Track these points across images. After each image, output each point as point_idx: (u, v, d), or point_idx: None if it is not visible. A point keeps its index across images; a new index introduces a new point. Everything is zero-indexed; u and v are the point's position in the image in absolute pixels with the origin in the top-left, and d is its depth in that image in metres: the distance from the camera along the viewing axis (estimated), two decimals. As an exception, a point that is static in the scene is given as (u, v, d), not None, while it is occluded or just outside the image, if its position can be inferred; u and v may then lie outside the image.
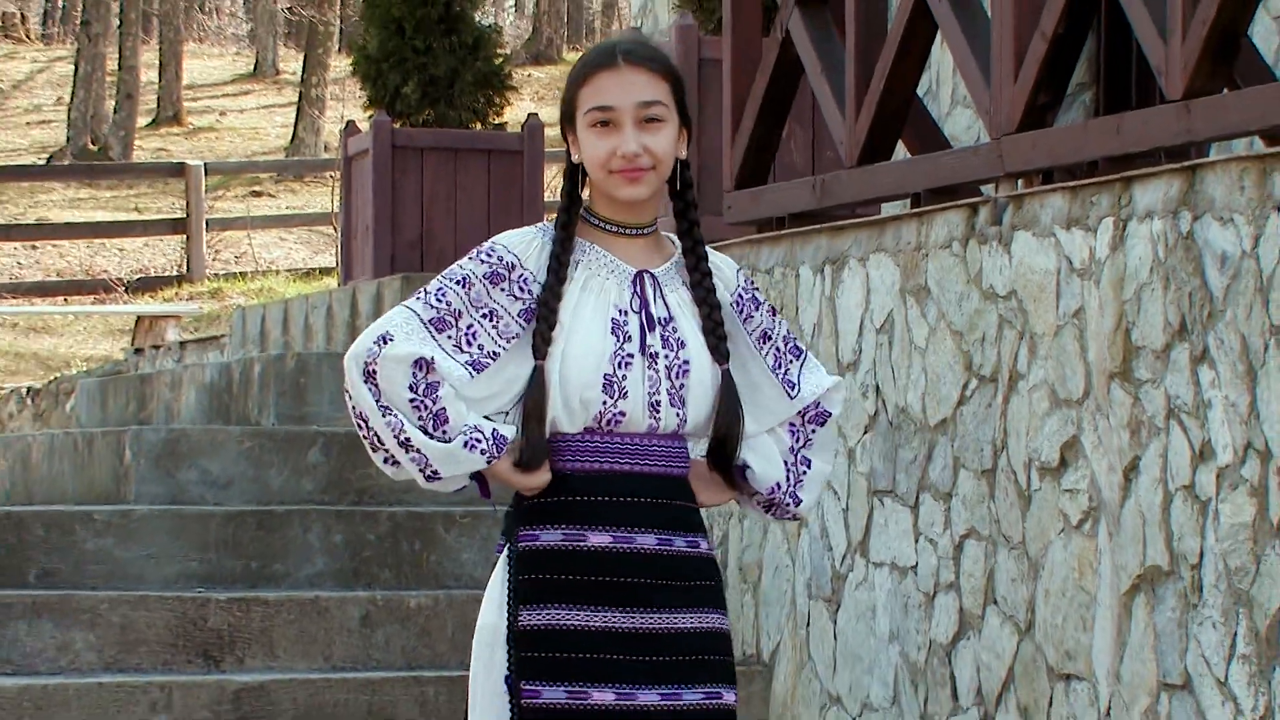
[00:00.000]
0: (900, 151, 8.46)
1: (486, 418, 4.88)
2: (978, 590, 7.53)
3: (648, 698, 4.79)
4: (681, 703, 4.82)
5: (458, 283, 4.84)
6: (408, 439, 4.79)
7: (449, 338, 4.82)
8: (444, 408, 4.79)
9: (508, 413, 4.91)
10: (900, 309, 8.01)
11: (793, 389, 5.01)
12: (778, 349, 5.02)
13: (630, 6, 15.61)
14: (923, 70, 8.37)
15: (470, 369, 4.82)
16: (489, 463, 4.85)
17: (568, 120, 4.92)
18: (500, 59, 13.46)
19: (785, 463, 5.04)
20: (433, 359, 4.77)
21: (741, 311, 5.01)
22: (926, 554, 7.83)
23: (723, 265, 5.04)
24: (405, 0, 13.31)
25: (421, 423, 4.79)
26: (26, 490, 10.82)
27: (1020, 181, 7.55)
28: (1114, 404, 6.90)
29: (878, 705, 8.02)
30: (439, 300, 4.84)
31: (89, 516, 9.48)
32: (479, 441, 4.80)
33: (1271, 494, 6.22)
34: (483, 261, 4.86)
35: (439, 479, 4.86)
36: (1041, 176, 7.47)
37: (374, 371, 4.78)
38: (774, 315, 5.09)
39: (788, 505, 5.04)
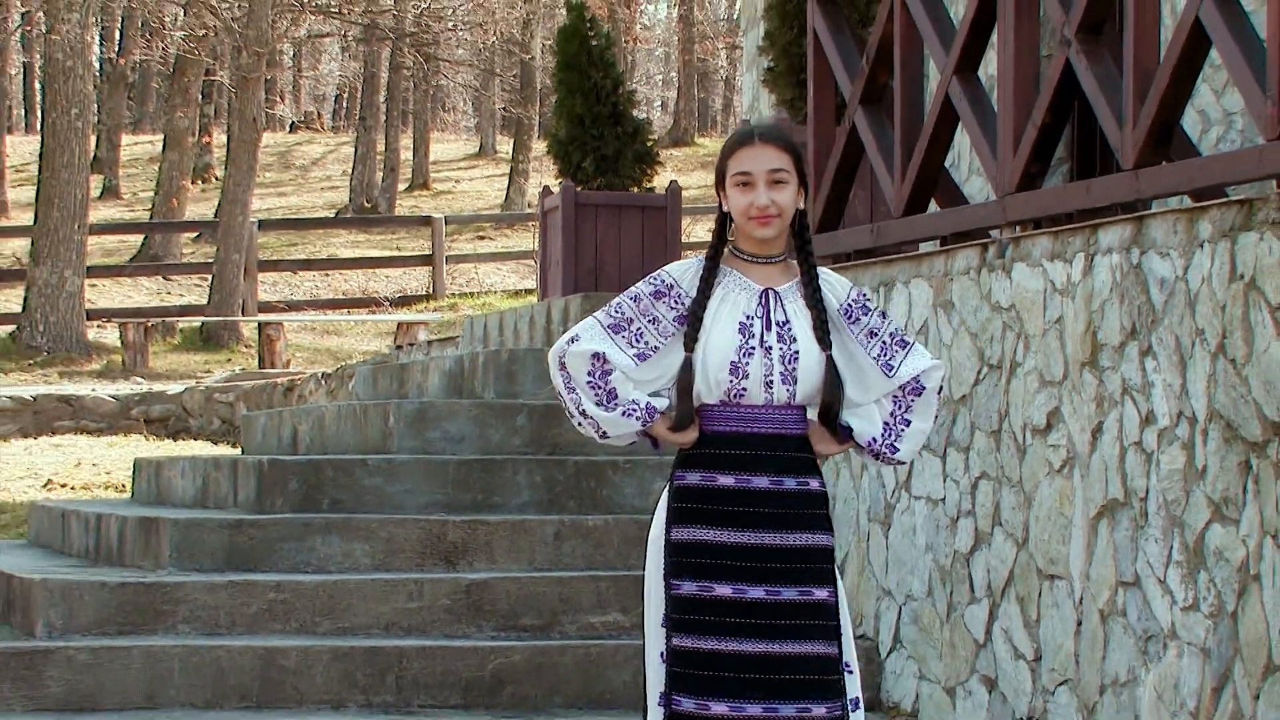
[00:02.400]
0: (932, 206, 8.29)
1: (654, 395, 4.92)
2: (988, 516, 7.44)
3: (755, 593, 4.77)
4: (780, 597, 4.78)
5: (632, 299, 4.91)
6: (584, 410, 4.86)
7: (623, 337, 4.87)
8: (614, 387, 4.84)
9: (668, 389, 4.92)
10: (932, 317, 7.95)
11: (890, 371, 4.91)
12: (884, 342, 4.94)
13: (742, 106, 15.58)
14: (948, 149, 8.23)
15: (636, 359, 4.86)
16: (643, 426, 4.88)
17: (719, 181, 4.95)
18: (650, 142, 13.23)
19: (885, 423, 4.93)
20: (605, 353, 4.82)
21: (850, 316, 4.95)
22: (952, 490, 7.75)
23: (836, 283, 5.00)
24: (585, 101, 13.14)
25: (597, 398, 4.84)
26: (322, 444, 10.79)
27: (1018, 228, 7.41)
28: (1084, 384, 6.83)
29: (917, 596, 7.96)
30: (617, 311, 4.90)
31: (364, 463, 9.49)
32: (635, 412, 4.85)
33: (1197, 448, 6.14)
34: (650, 283, 4.93)
35: (609, 438, 4.92)
36: (1033, 224, 7.37)
37: (565, 363, 4.86)
38: (884, 318, 5.01)
39: (888, 454, 4.97)
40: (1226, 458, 6.03)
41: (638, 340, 4.90)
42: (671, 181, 13.70)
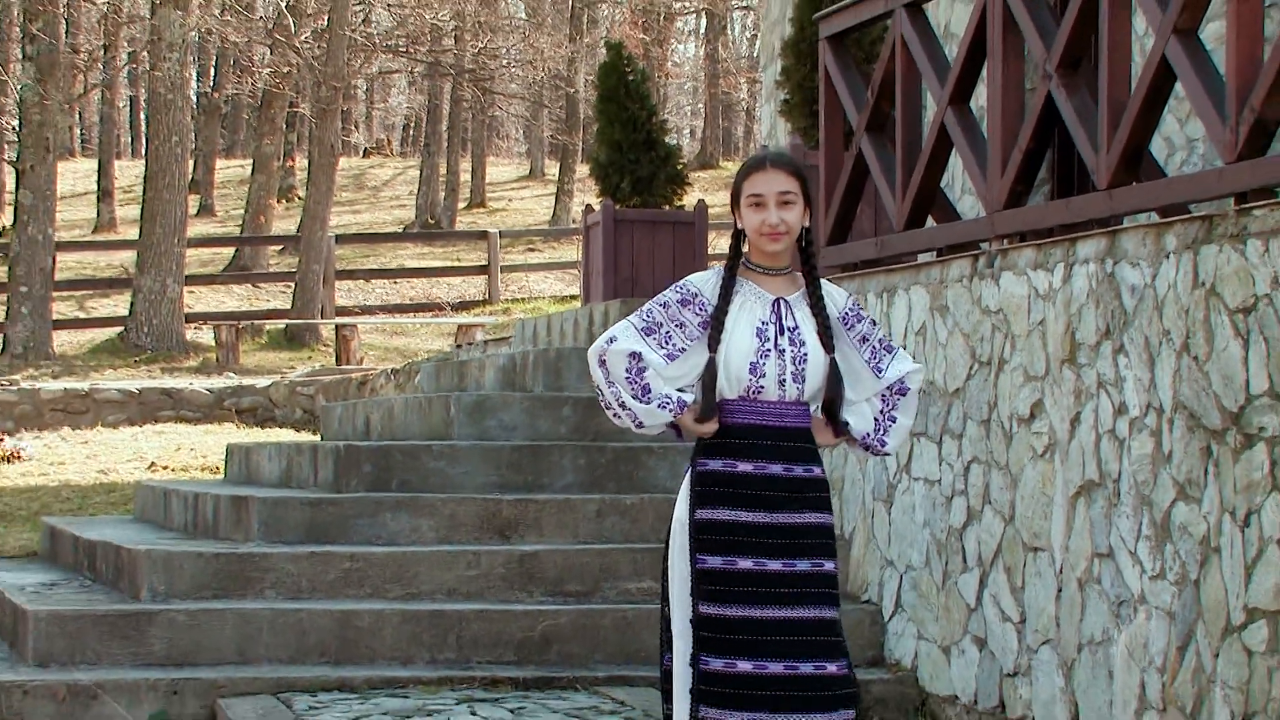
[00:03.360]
0: (929, 222, 8.27)
1: (679, 390, 4.94)
2: (979, 495, 7.45)
3: (773, 565, 4.80)
4: (796, 569, 4.81)
5: (661, 305, 4.95)
6: (622, 402, 4.90)
7: (654, 339, 4.90)
8: (648, 383, 4.87)
9: (692, 385, 4.96)
10: (930, 320, 7.93)
11: (879, 373, 4.97)
12: (874, 347, 5.00)
13: (761, 134, 15.56)
14: (944, 171, 8.21)
15: (666, 359, 4.90)
16: (674, 417, 4.91)
17: (735, 201, 5.00)
18: (680, 166, 13.20)
19: (875, 420, 4.99)
20: (641, 353, 4.86)
21: (847, 323, 4.99)
22: (947, 472, 7.75)
23: (835, 294, 5.04)
24: (622, 129, 13.17)
25: (633, 392, 4.88)
26: (391, 431, 10.82)
27: (1005, 240, 7.41)
28: (1064, 379, 6.83)
29: (916, 566, 7.96)
30: (648, 316, 4.93)
31: (428, 448, 9.50)
32: (667, 404, 4.88)
33: (1164, 435, 6.14)
34: (677, 292, 4.97)
35: (644, 427, 4.95)
36: (1018, 237, 7.36)
37: (604, 360, 4.89)
38: (874, 325, 5.08)
39: (877, 446, 5.02)
40: (1190, 444, 6.02)
41: (667, 342, 4.93)
42: (699, 200, 13.72)
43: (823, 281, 5.04)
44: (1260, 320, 5.67)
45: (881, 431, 5.01)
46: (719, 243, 28.53)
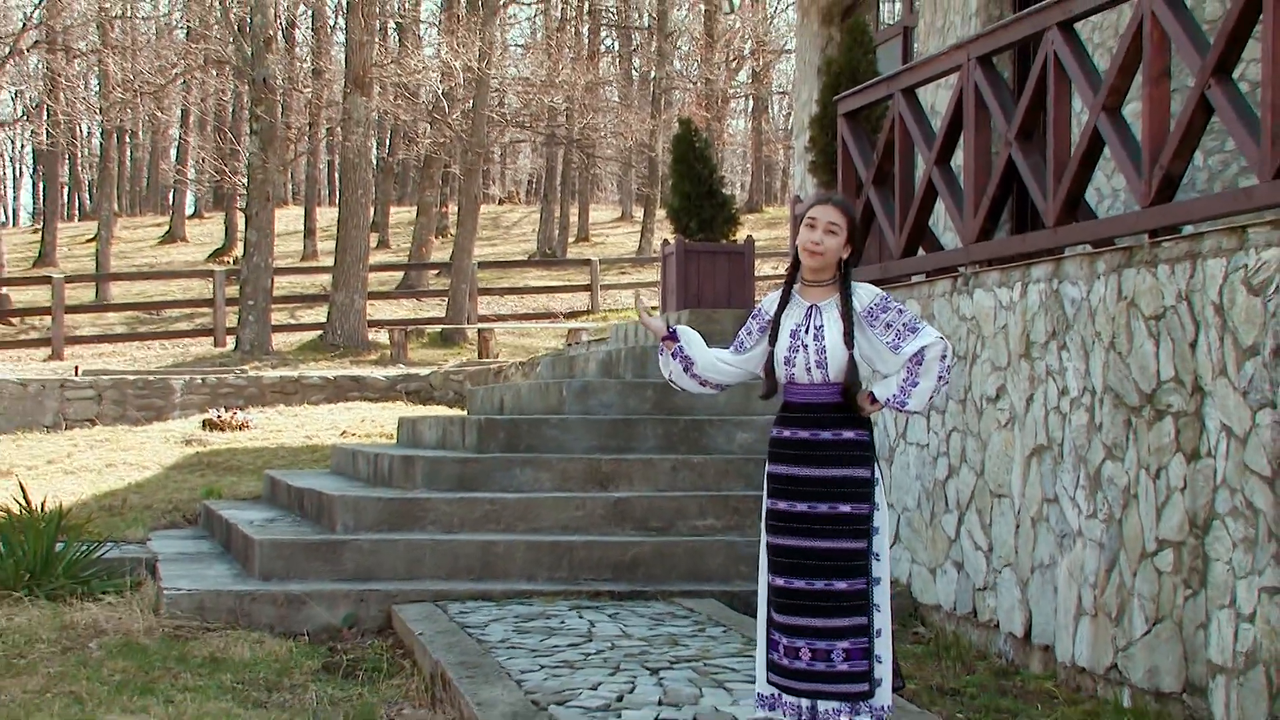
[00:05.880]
0: (920, 251, 8.27)
1: (747, 369, 4.97)
2: (958, 455, 7.41)
3: (800, 507, 4.72)
4: (817, 510, 4.71)
5: (746, 323, 4.96)
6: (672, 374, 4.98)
7: (740, 341, 4.92)
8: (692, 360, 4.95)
9: (755, 367, 4.94)
10: None
11: (897, 350, 4.71)
12: (897, 330, 4.72)
13: (794, 186, 15.53)
14: (931, 213, 8.17)
15: (733, 351, 4.92)
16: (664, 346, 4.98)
17: (798, 221, 4.96)
18: (733, 210, 13.13)
19: (899, 385, 4.73)
20: (730, 348, 4.96)
21: (873, 313, 4.76)
22: (933, 439, 7.71)
23: (864, 292, 4.82)
24: (691, 183, 13.14)
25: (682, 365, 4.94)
26: (519, 408, 10.82)
27: (977, 265, 7.39)
28: (1021, 369, 6.78)
29: (910, 509, 7.93)
30: (743, 327, 4.97)
31: (547, 420, 9.53)
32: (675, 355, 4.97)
33: (1096, 411, 6.09)
34: (751, 312, 4.97)
35: (674, 376, 5.00)
36: (987, 263, 7.34)
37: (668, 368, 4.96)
38: (901, 312, 4.78)
39: (898, 407, 4.76)
40: (1115, 417, 5.99)
41: (741, 347, 4.92)
42: (748, 236, 13.67)
43: (856, 285, 4.85)
44: (1168, 325, 5.64)
45: (904, 394, 4.74)
46: (763, 267, 28.58)
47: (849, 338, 4.76)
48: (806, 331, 4.79)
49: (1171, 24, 5.90)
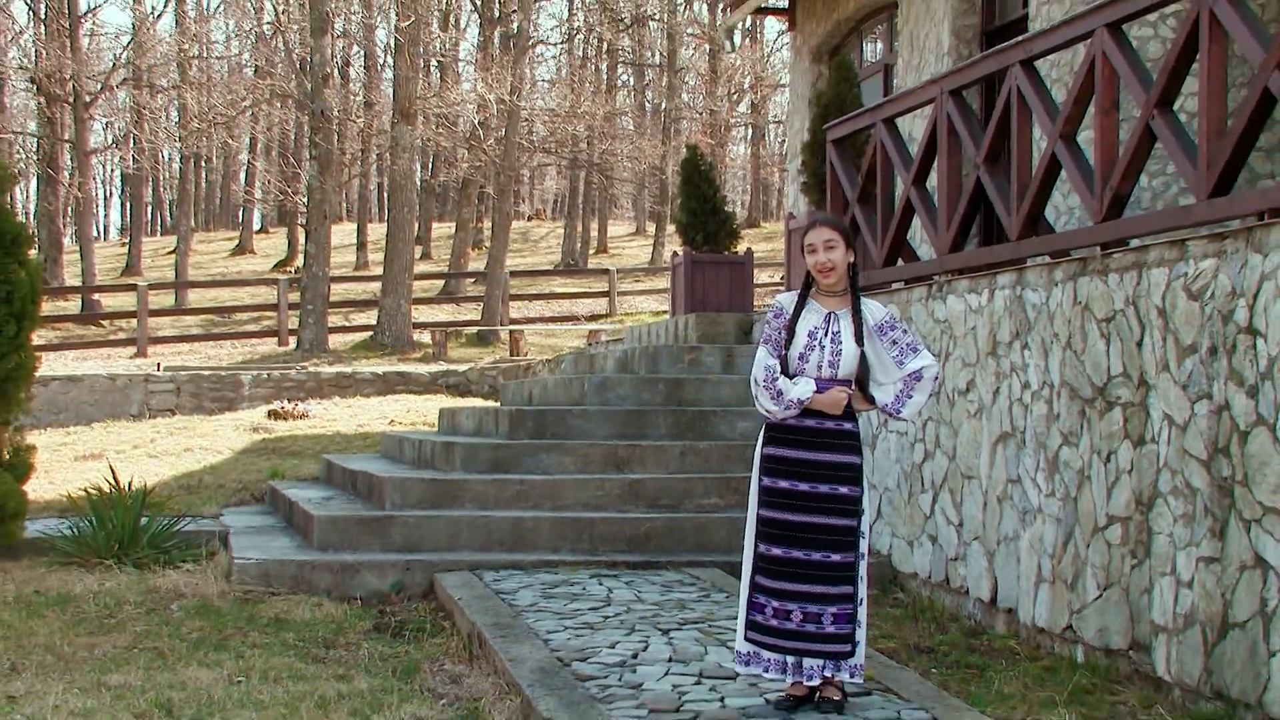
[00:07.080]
0: (900, 261, 8.21)
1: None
2: (933, 442, 7.38)
3: (803, 487, 4.69)
4: (818, 490, 4.68)
5: (767, 323, 4.85)
6: (767, 409, 4.74)
7: (771, 345, 4.80)
8: (780, 389, 4.72)
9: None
10: None
11: (901, 366, 4.72)
12: (901, 348, 4.73)
13: (788, 204, 15.50)
14: (909, 228, 8.12)
15: (776, 350, 4.78)
16: (788, 410, 4.72)
17: (802, 251, 4.86)
18: (735, 226, 13.14)
19: (896, 395, 4.72)
20: (774, 365, 4.75)
21: (882, 330, 4.75)
22: (912, 427, 7.67)
23: (875, 308, 4.80)
24: (696, 201, 13.11)
25: (770, 396, 4.71)
26: (545, 400, 10.78)
27: (950, 274, 7.35)
28: (988, 365, 6.76)
29: (890, 488, 7.89)
30: (765, 332, 4.85)
31: (570, 411, 9.51)
32: (790, 406, 4.72)
33: (1054, 403, 6.07)
34: (771, 310, 4.85)
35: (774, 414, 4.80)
36: (958, 272, 7.30)
37: (764, 384, 4.74)
38: (905, 332, 4.78)
39: (893, 413, 4.74)
40: (1070, 408, 5.98)
41: (776, 349, 4.82)
42: (748, 248, 13.66)
43: (867, 300, 4.85)
44: (1117, 327, 5.62)
45: (899, 403, 4.74)
46: (760, 276, 28.57)
47: (860, 339, 4.75)
48: (825, 334, 4.76)
49: (1120, 62, 5.90)
